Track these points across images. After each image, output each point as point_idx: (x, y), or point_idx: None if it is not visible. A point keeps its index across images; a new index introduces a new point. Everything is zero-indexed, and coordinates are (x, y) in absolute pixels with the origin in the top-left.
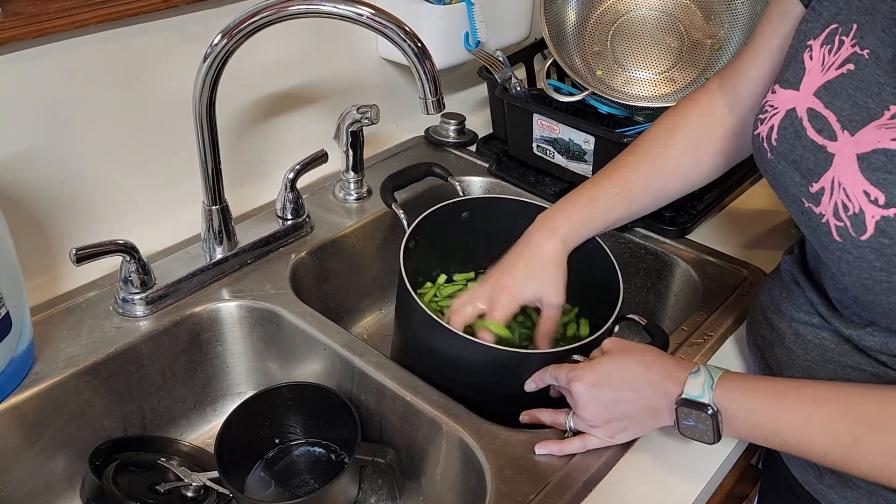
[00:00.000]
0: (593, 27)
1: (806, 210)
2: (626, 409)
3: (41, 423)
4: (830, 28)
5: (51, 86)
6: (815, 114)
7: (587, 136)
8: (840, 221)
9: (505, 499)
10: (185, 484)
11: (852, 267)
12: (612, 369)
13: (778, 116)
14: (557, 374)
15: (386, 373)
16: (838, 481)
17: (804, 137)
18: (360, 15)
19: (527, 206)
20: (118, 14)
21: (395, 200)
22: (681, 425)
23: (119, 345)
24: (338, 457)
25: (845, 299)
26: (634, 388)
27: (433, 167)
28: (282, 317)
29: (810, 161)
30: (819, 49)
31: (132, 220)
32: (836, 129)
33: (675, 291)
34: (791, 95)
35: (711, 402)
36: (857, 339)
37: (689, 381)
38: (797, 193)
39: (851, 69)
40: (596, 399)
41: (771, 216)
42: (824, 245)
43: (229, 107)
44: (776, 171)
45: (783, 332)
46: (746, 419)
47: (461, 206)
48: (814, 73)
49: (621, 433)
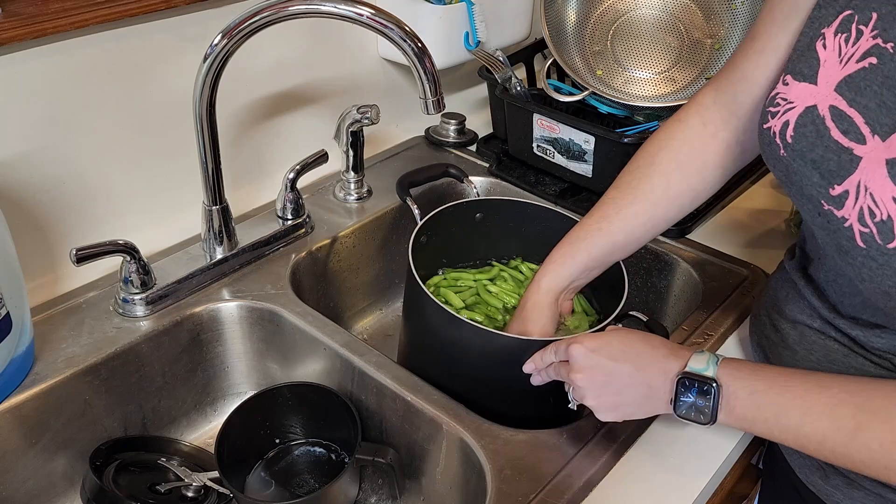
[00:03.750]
0: (593, 27)
1: (825, 212)
2: (623, 382)
3: (41, 424)
4: (845, 15)
5: (51, 86)
6: (838, 112)
7: (587, 135)
8: (865, 227)
9: (505, 499)
10: (186, 484)
11: (875, 274)
12: (615, 339)
13: (795, 112)
14: (558, 346)
15: (386, 373)
16: (845, 482)
17: (827, 137)
18: (360, 15)
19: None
20: (118, 14)
21: (410, 195)
22: (678, 403)
23: (119, 345)
24: (338, 457)
25: (855, 303)
26: (634, 360)
27: (450, 168)
28: (282, 317)
29: (832, 162)
30: (833, 38)
31: (132, 221)
32: (866, 133)
33: (675, 291)
34: (808, 90)
35: (716, 377)
36: (864, 341)
37: (694, 356)
38: (815, 194)
39: (875, 63)
40: (593, 366)
41: (771, 216)
42: (844, 249)
43: (229, 107)
44: (790, 169)
45: (787, 333)
46: (749, 398)
47: (475, 207)
48: (831, 65)
49: (609, 411)
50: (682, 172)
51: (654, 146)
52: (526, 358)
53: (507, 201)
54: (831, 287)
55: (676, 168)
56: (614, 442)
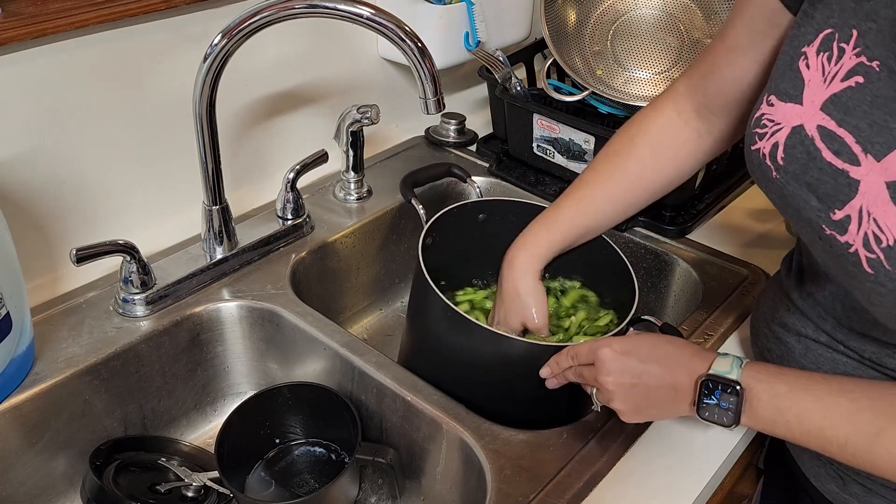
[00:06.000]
0: (593, 27)
1: (827, 237)
2: (650, 384)
3: (42, 424)
4: (825, 33)
5: (51, 86)
6: (827, 132)
7: (587, 135)
8: (872, 254)
9: (505, 499)
10: (186, 484)
11: (885, 300)
12: (642, 342)
13: (783, 133)
14: (577, 350)
15: (386, 373)
16: (863, 490)
17: (819, 159)
18: (360, 15)
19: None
20: (118, 14)
21: (415, 195)
22: (700, 405)
23: (119, 345)
24: (338, 457)
25: (865, 321)
26: (662, 362)
27: (452, 167)
28: (282, 317)
29: (829, 186)
30: (816, 57)
31: (132, 221)
32: (858, 153)
33: (675, 291)
34: (794, 110)
35: (739, 379)
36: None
37: (718, 359)
38: (815, 218)
39: (861, 82)
40: (623, 369)
41: (771, 216)
42: (851, 274)
43: (229, 107)
44: (785, 192)
45: (791, 346)
46: (771, 401)
47: (479, 208)
48: (815, 85)
49: (635, 413)
50: (657, 159)
51: (631, 130)
52: (541, 363)
53: (512, 202)
54: (837, 304)
55: (651, 154)
56: (614, 442)
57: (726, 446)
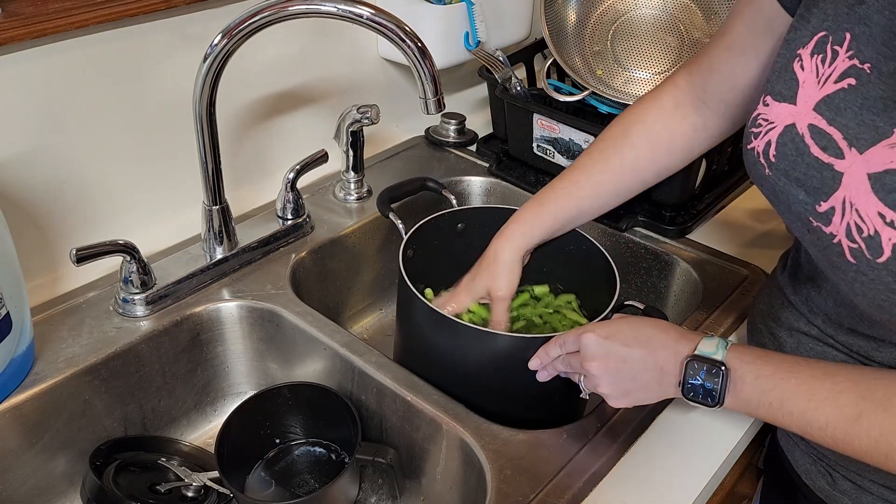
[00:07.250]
0: (593, 27)
1: (814, 229)
2: (635, 367)
3: (41, 423)
4: (819, 36)
5: (51, 86)
6: (817, 130)
7: (587, 135)
8: (854, 243)
9: (505, 499)
10: (186, 484)
11: (868, 289)
12: (626, 326)
13: (776, 132)
14: (564, 339)
15: (386, 372)
16: (853, 487)
17: (807, 154)
18: (360, 15)
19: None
20: (118, 14)
21: (393, 210)
22: (686, 385)
23: (119, 345)
24: (338, 457)
25: (853, 316)
26: (646, 345)
27: (427, 182)
28: (282, 317)
29: (815, 179)
30: (810, 59)
31: (132, 221)
32: (843, 147)
33: (675, 291)
34: (788, 110)
35: (724, 360)
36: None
37: (704, 340)
38: (802, 212)
39: (853, 84)
40: (607, 353)
41: (771, 216)
42: (835, 265)
43: (229, 107)
44: (776, 188)
45: (783, 340)
46: (755, 382)
47: (455, 217)
48: (809, 86)
49: (622, 397)
50: (652, 149)
51: (629, 119)
52: (529, 355)
53: (489, 209)
54: (829, 300)
55: (646, 144)
56: (615, 441)
57: (726, 446)
